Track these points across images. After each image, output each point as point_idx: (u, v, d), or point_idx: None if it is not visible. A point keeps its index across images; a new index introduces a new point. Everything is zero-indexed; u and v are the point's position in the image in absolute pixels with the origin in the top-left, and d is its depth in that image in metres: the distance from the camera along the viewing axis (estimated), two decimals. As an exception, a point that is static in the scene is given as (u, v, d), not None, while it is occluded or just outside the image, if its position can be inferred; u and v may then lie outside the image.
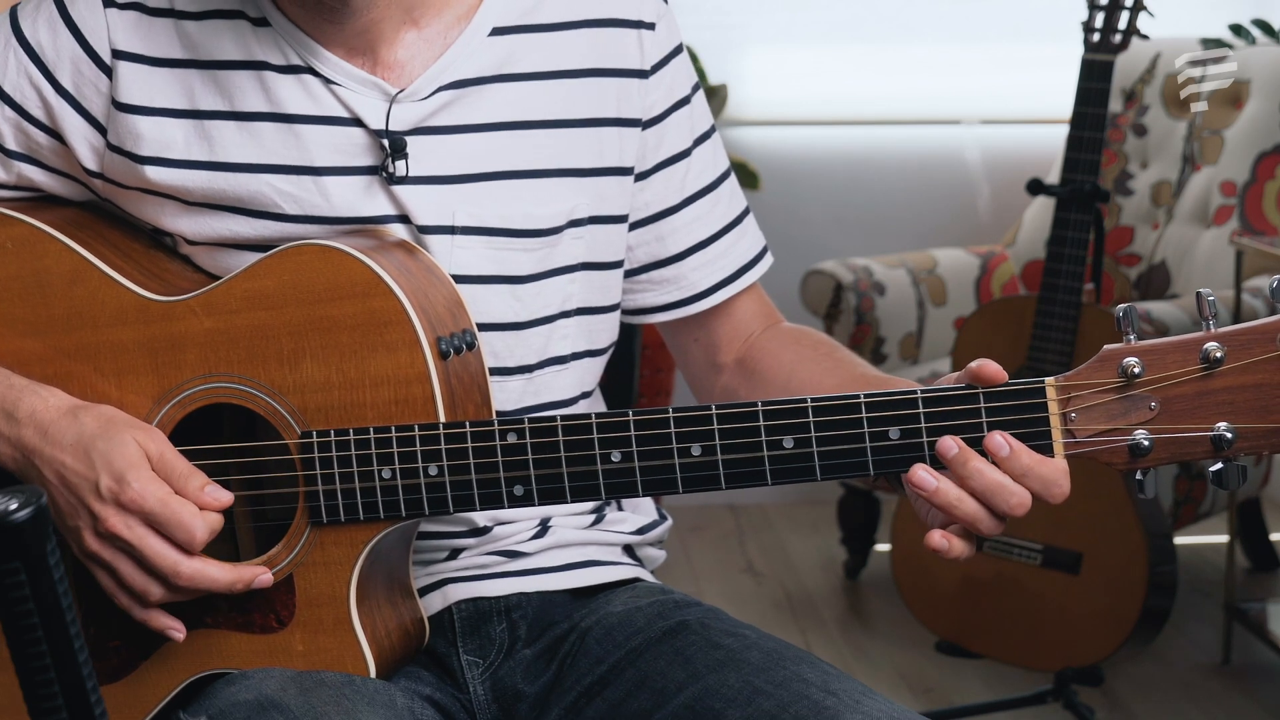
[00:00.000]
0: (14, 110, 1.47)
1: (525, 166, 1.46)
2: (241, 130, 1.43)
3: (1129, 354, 1.23)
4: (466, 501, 1.33)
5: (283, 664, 1.37)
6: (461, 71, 1.45)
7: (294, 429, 1.36)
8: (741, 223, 1.59)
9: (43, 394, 1.39)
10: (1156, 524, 3.04)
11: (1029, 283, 3.85)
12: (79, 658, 0.87)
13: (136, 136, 1.44)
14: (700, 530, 4.30)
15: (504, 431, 1.32)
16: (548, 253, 1.47)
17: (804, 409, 1.27)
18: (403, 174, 1.42)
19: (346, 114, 1.43)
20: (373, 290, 1.34)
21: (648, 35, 1.52)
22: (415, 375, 1.34)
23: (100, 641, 1.42)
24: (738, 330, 1.59)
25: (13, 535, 0.83)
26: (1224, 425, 1.22)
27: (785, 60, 4.48)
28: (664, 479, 1.30)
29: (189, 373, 1.38)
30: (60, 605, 0.86)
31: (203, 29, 1.44)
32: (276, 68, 1.43)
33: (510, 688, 1.47)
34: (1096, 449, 1.25)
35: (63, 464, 1.35)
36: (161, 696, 1.41)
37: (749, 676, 1.34)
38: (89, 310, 1.41)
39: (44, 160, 1.49)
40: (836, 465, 1.27)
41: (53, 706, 0.87)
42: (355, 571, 1.36)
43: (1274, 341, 1.22)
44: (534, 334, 1.48)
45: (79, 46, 1.45)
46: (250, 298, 1.37)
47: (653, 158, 1.53)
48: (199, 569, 1.34)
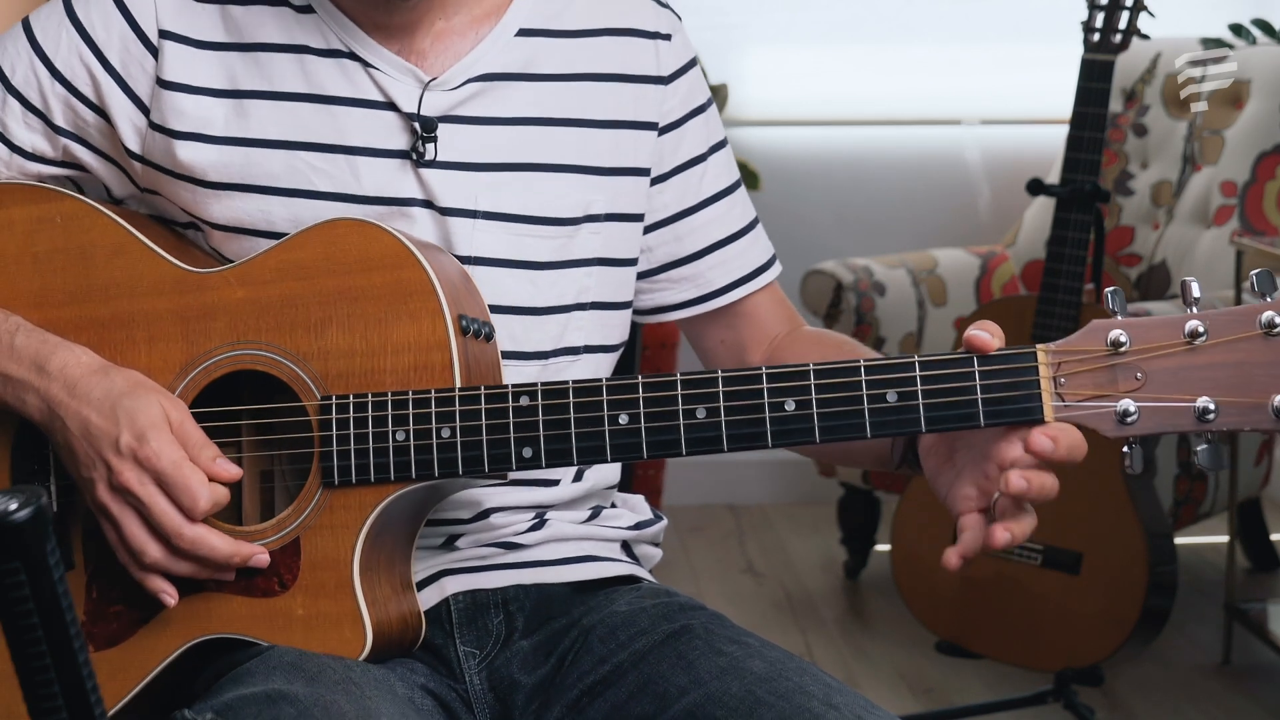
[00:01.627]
0: (64, 87, 1.52)
1: (546, 160, 1.52)
2: (278, 109, 1.49)
3: (1116, 327, 1.29)
4: (475, 463, 1.36)
5: (283, 628, 1.39)
6: (490, 66, 1.51)
7: (314, 394, 1.40)
8: (755, 229, 1.65)
9: (75, 351, 1.44)
10: (1156, 524, 3.04)
11: (1029, 283, 3.85)
12: (79, 658, 0.87)
13: (179, 113, 1.49)
14: (700, 530, 4.30)
15: (517, 394, 1.36)
16: (565, 243, 1.52)
17: (806, 373, 1.32)
18: (431, 157, 1.48)
19: (382, 98, 1.49)
20: (402, 262, 1.39)
21: (664, 45, 1.59)
22: (436, 342, 1.38)
23: (101, 606, 1.45)
24: (762, 332, 1.64)
25: (13, 535, 0.84)
26: (1207, 399, 1.27)
27: (785, 60, 4.48)
28: (668, 439, 1.34)
29: (217, 340, 1.43)
30: (60, 605, 0.86)
31: (248, 13, 1.50)
32: (317, 51, 1.49)
33: (507, 678, 1.48)
34: (1085, 413, 1.30)
35: (87, 418, 1.39)
36: (160, 660, 1.43)
37: (751, 686, 1.36)
38: (128, 281, 1.47)
39: (91, 140, 1.54)
40: (835, 427, 1.32)
41: (53, 707, 0.87)
42: (361, 536, 1.38)
43: (1254, 323, 1.26)
44: (550, 321, 1.52)
45: (128, 26, 1.51)
46: (283, 269, 1.43)
47: (671, 161, 1.59)
48: (201, 535, 1.38)
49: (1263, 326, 1.26)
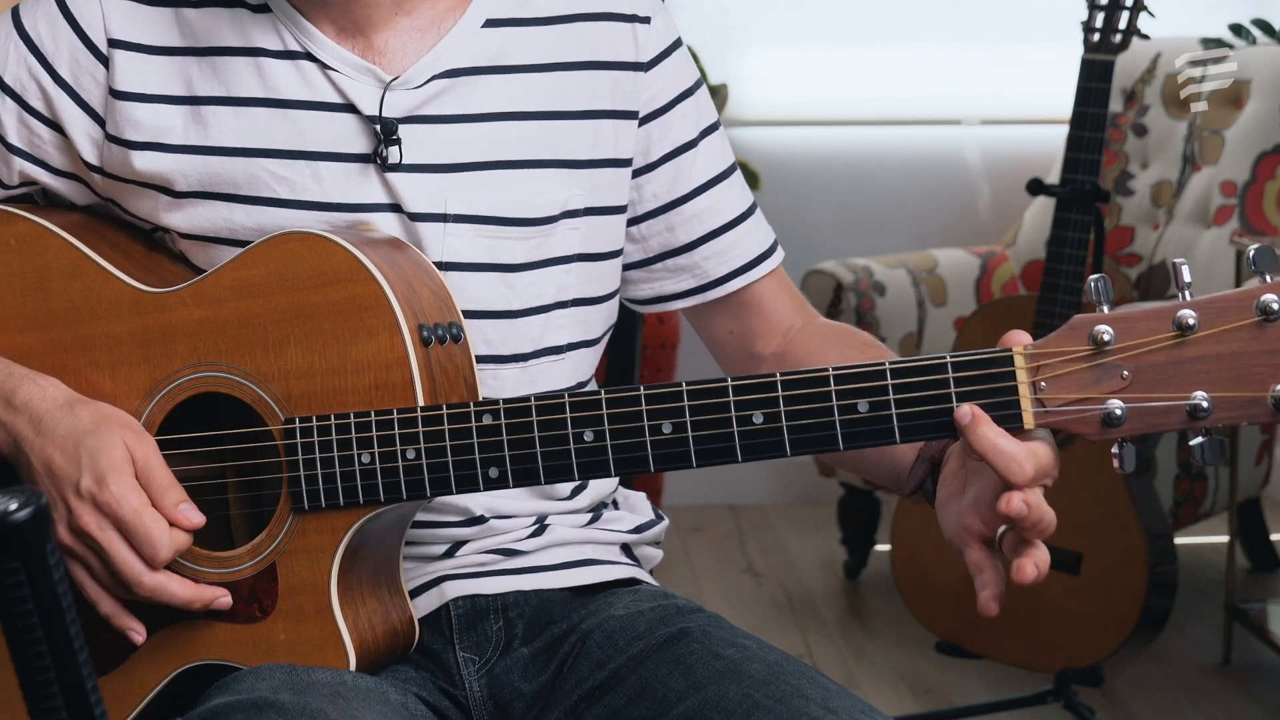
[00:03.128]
0: (15, 102, 1.48)
1: (518, 157, 1.47)
2: (237, 115, 1.45)
3: (1099, 321, 1.21)
4: (443, 484, 1.33)
5: (266, 654, 1.38)
6: (455, 61, 1.46)
7: (278, 416, 1.37)
8: (753, 215, 1.60)
9: (41, 384, 1.40)
10: (1156, 524, 3.04)
11: (1029, 283, 3.85)
12: (79, 658, 0.87)
13: (135, 124, 1.46)
14: (700, 530, 4.30)
15: (479, 413, 1.32)
16: (541, 242, 1.48)
17: (773, 384, 1.27)
18: (395, 161, 1.44)
19: (340, 100, 1.44)
20: (355, 276, 1.36)
21: (642, 29, 1.53)
22: (395, 359, 1.35)
23: (91, 634, 1.43)
24: (772, 322, 1.59)
25: (13, 535, 0.83)
26: (1200, 394, 1.19)
27: (785, 60, 4.48)
28: (635, 456, 1.30)
29: (179, 363, 1.40)
30: (60, 605, 0.86)
31: (203, 16, 1.46)
32: (273, 53, 1.45)
33: (507, 685, 1.47)
34: (1068, 418, 1.22)
35: (50, 457, 1.36)
36: (150, 689, 1.42)
37: (749, 689, 1.34)
38: (85, 304, 1.43)
39: (47, 159, 1.50)
40: (806, 440, 1.27)
41: (53, 707, 0.87)
42: (336, 559, 1.36)
43: (1249, 309, 1.19)
44: (528, 323, 1.48)
45: (76, 37, 1.47)
46: (238, 287, 1.39)
47: (658, 149, 1.54)
48: (161, 583, 1.36)
49: (1258, 312, 1.18)
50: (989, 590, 1.28)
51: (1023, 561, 1.24)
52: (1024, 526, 1.24)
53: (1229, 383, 1.19)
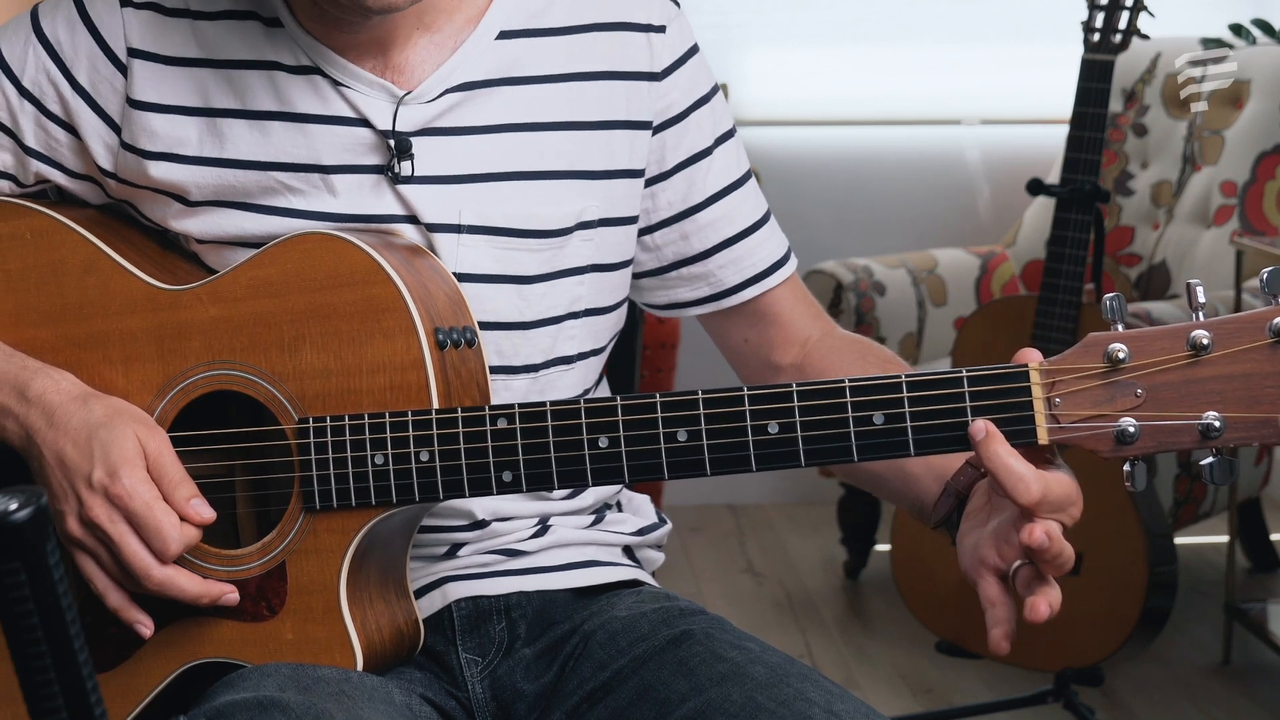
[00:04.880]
0: (33, 105, 1.49)
1: (533, 168, 1.47)
2: (252, 128, 1.45)
3: (1114, 340, 1.22)
4: (456, 487, 1.33)
5: (273, 653, 1.38)
6: (469, 74, 1.46)
7: (291, 415, 1.37)
8: (767, 223, 1.59)
9: (55, 377, 1.41)
10: (1156, 524, 3.04)
11: (1029, 283, 3.85)
12: (79, 658, 0.87)
13: (151, 134, 1.46)
14: (700, 530, 4.30)
15: (494, 417, 1.32)
16: (555, 254, 1.47)
17: (789, 394, 1.27)
18: (408, 174, 1.44)
19: (354, 114, 1.44)
20: (373, 278, 1.36)
21: (657, 38, 1.52)
22: (410, 361, 1.35)
23: (98, 629, 1.43)
24: (788, 331, 1.59)
25: (13, 535, 0.83)
26: (1212, 415, 1.21)
27: (786, 60, 4.48)
28: (650, 464, 1.30)
29: (193, 360, 1.40)
30: (60, 605, 0.86)
31: (217, 29, 1.46)
32: (287, 68, 1.45)
33: (509, 686, 1.47)
34: (1081, 434, 1.23)
35: (62, 448, 1.37)
36: (154, 685, 1.42)
37: (752, 692, 1.34)
38: (100, 299, 1.44)
39: (63, 161, 1.51)
40: (820, 450, 1.27)
41: (52, 707, 0.87)
42: (346, 560, 1.36)
43: (1263, 331, 1.20)
44: (540, 334, 1.48)
45: (96, 44, 1.47)
46: (254, 285, 1.39)
47: (673, 158, 1.54)
48: (169, 577, 1.35)
49: (1271, 334, 1.20)
50: (1000, 628, 1.28)
51: (1036, 600, 1.25)
52: (1043, 559, 1.24)
53: (1241, 403, 1.20)
